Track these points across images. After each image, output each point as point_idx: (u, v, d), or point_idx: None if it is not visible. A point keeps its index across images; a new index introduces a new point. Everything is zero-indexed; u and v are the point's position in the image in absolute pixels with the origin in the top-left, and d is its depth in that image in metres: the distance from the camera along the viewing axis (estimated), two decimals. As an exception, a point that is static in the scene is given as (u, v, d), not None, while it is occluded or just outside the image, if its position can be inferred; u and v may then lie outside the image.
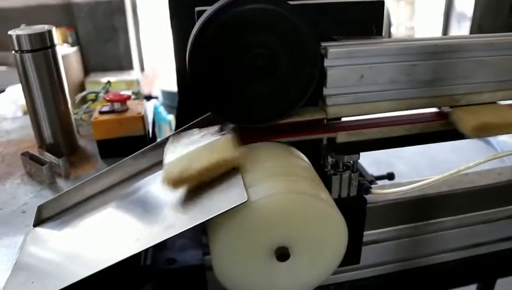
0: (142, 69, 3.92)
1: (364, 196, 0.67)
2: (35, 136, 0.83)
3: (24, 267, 0.54)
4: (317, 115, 0.61)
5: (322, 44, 0.58)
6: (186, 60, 0.55)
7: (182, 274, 0.65)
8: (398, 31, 5.02)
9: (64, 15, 3.38)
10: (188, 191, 0.54)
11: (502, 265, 0.91)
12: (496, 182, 0.84)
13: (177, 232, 0.48)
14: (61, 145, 0.83)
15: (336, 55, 0.58)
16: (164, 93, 3.28)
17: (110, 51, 3.53)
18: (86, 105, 0.96)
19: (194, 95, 0.56)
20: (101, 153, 0.81)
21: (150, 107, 0.94)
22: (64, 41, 3.40)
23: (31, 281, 0.51)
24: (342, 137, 0.62)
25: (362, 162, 0.73)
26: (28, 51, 0.76)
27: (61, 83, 0.81)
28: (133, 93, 0.92)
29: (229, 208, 0.46)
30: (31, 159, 0.76)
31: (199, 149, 0.54)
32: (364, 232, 0.70)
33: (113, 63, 3.53)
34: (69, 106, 0.84)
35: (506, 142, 2.82)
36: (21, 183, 0.75)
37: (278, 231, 0.49)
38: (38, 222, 0.62)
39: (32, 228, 0.61)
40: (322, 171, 0.65)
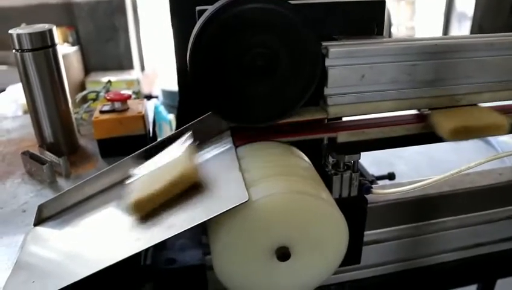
0: (143, 68, 3.92)
1: (365, 196, 0.67)
2: (35, 135, 0.83)
3: (24, 267, 0.54)
4: (318, 115, 0.61)
5: (323, 44, 0.58)
6: (186, 60, 0.55)
7: (182, 274, 0.65)
8: (399, 31, 5.02)
9: (64, 14, 3.38)
10: (189, 191, 0.54)
11: (502, 265, 0.91)
12: (497, 183, 0.84)
13: (178, 232, 0.48)
14: (61, 144, 0.83)
15: (337, 55, 0.58)
16: (164, 92, 3.28)
17: (111, 50, 3.53)
18: (87, 104, 0.96)
19: (194, 94, 0.56)
20: (101, 152, 0.81)
21: (150, 107, 0.94)
22: (65, 40, 3.40)
23: (31, 281, 0.51)
24: (342, 137, 0.61)
25: (363, 162, 0.73)
26: (29, 50, 0.76)
27: (62, 82, 0.81)
28: (134, 93, 0.92)
29: (229, 208, 0.46)
30: (31, 158, 0.76)
31: (160, 169, 0.56)
32: (365, 232, 0.70)
33: (113, 62, 3.53)
34: (70, 105, 0.84)
35: (507, 142, 2.82)
36: (21, 183, 0.75)
37: (279, 231, 0.49)
38: (39, 221, 0.62)
39: (32, 227, 0.61)
40: (323, 171, 0.65)
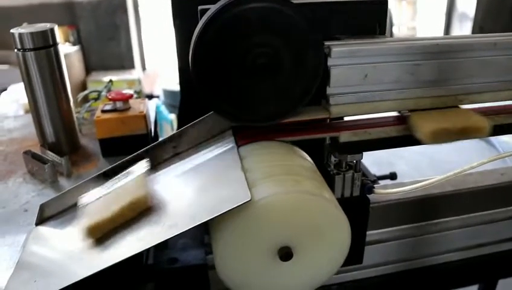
0: (144, 68, 3.92)
1: (367, 196, 0.67)
2: (37, 135, 0.83)
3: (26, 266, 0.54)
4: (321, 114, 0.61)
5: (326, 43, 0.58)
6: (188, 59, 0.55)
7: (184, 274, 0.65)
8: (400, 31, 5.01)
9: (66, 14, 3.38)
10: (191, 190, 0.54)
11: (504, 266, 0.90)
12: (499, 183, 0.83)
13: (180, 232, 0.48)
14: (63, 143, 0.83)
15: (340, 55, 0.58)
16: (166, 92, 3.28)
17: (112, 50, 3.53)
18: (88, 104, 0.96)
19: (196, 94, 0.56)
20: (103, 151, 0.81)
21: (151, 106, 0.94)
22: (66, 40, 3.40)
23: (33, 280, 0.51)
24: (345, 136, 0.61)
25: (364, 161, 0.73)
26: (31, 50, 0.76)
27: (64, 82, 0.81)
28: (135, 92, 0.92)
29: (232, 207, 0.46)
30: (33, 158, 0.76)
31: (113, 194, 0.56)
32: (367, 232, 0.69)
33: (114, 62, 3.53)
34: (71, 104, 0.84)
35: (508, 142, 2.82)
36: (23, 182, 0.75)
37: (281, 231, 0.49)
38: (41, 220, 0.62)
39: (34, 226, 0.61)
40: (325, 171, 0.64)
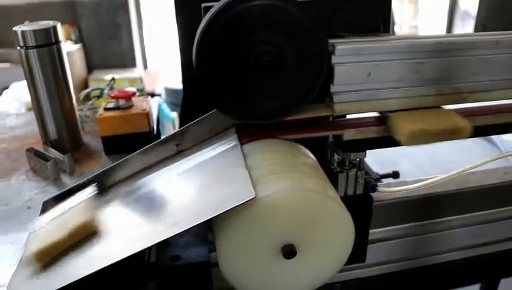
0: (145, 66, 3.92)
1: (371, 194, 0.66)
2: (39, 132, 0.83)
3: (29, 263, 0.54)
4: (324, 112, 0.60)
5: (330, 41, 0.57)
6: (191, 56, 0.55)
7: (187, 271, 0.65)
8: (402, 29, 5.00)
9: (67, 12, 3.38)
10: (194, 188, 0.54)
11: (507, 265, 0.90)
12: (502, 181, 0.83)
13: (183, 229, 0.48)
14: (65, 141, 0.83)
15: (344, 52, 0.57)
16: (167, 90, 3.28)
17: (114, 48, 3.53)
18: (91, 102, 0.96)
19: (200, 91, 0.56)
20: (105, 149, 0.81)
21: (154, 104, 0.94)
22: (68, 38, 3.40)
23: (36, 277, 0.51)
24: (349, 135, 0.61)
25: (366, 160, 0.73)
26: (33, 47, 0.76)
27: (66, 79, 0.81)
28: (138, 90, 0.92)
29: (236, 205, 0.46)
30: (35, 155, 0.76)
31: (62, 218, 0.55)
32: (370, 231, 0.69)
33: (116, 60, 3.53)
34: (74, 102, 0.84)
35: (511, 142, 2.81)
36: (26, 179, 0.75)
37: (285, 229, 0.49)
38: (43, 217, 0.62)
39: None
40: (328, 169, 0.64)
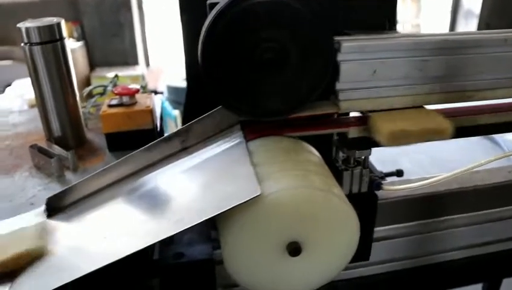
0: (148, 64, 3.92)
1: (375, 192, 0.66)
2: (43, 129, 0.83)
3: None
4: (329, 110, 0.60)
5: (336, 38, 0.57)
6: (195, 53, 0.55)
7: (190, 269, 0.65)
8: (404, 28, 4.99)
9: (69, 9, 3.38)
10: (199, 184, 0.54)
11: (510, 264, 0.90)
12: (507, 180, 0.83)
13: (188, 226, 0.48)
14: (69, 138, 0.83)
15: (349, 50, 0.57)
16: (169, 88, 3.28)
17: (116, 46, 3.52)
18: (94, 98, 0.96)
19: (204, 88, 0.56)
20: (109, 146, 0.81)
21: (157, 102, 0.94)
22: (70, 36, 3.40)
23: (40, 274, 0.51)
24: (354, 132, 0.61)
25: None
26: (37, 44, 0.76)
27: (70, 76, 0.81)
28: (142, 87, 0.92)
29: (241, 202, 0.46)
30: (39, 152, 0.76)
31: (7, 237, 0.53)
32: (374, 229, 0.69)
33: (118, 58, 3.53)
34: (78, 98, 0.83)
35: (513, 141, 2.80)
36: (29, 176, 0.75)
37: (290, 226, 0.49)
38: (47, 214, 0.61)
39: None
40: (333, 167, 0.64)
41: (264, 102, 0.57)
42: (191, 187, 0.58)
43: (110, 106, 0.80)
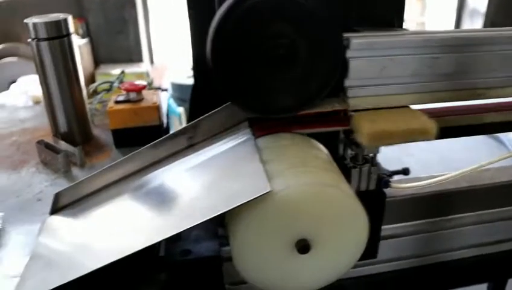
0: (152, 61, 3.92)
1: (383, 190, 0.66)
2: (50, 125, 0.83)
3: (41, 256, 0.53)
4: (338, 107, 0.60)
5: (345, 35, 0.57)
6: (203, 49, 0.54)
7: (197, 265, 0.65)
8: (409, 27, 4.97)
9: (74, 7, 3.38)
10: (208, 181, 0.53)
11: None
12: (516, 179, 0.82)
13: (197, 222, 0.48)
14: (75, 134, 0.83)
15: (359, 46, 0.57)
16: (174, 85, 3.27)
17: (120, 43, 3.52)
18: (100, 95, 0.95)
19: (211, 85, 0.55)
20: (116, 142, 0.81)
21: (163, 99, 0.94)
22: (75, 33, 3.39)
23: (48, 269, 0.51)
24: (362, 130, 0.60)
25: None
26: (44, 39, 0.76)
27: (76, 72, 0.81)
28: (148, 84, 0.92)
29: (251, 198, 0.45)
30: (46, 148, 0.76)
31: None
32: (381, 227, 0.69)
33: (123, 55, 3.53)
34: (84, 95, 0.83)
35: (518, 140, 2.80)
36: (36, 172, 0.75)
37: (300, 223, 0.49)
38: (55, 210, 0.61)
39: (48, 216, 0.61)
40: (341, 164, 0.64)
41: (273, 99, 0.56)
42: (199, 184, 0.58)
43: (117, 102, 0.80)
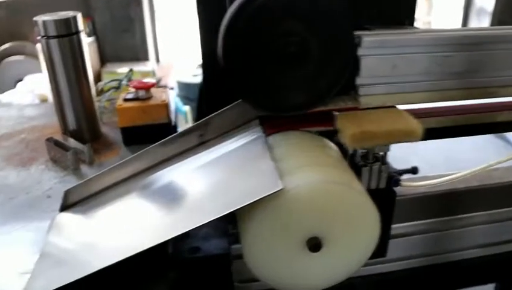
0: (158, 60, 3.92)
1: (394, 189, 0.65)
2: (59, 122, 0.83)
3: (51, 253, 0.54)
4: (349, 105, 0.60)
5: (356, 33, 0.57)
6: (212, 46, 0.54)
7: (206, 263, 0.65)
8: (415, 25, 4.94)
9: (80, 5, 3.38)
10: (220, 178, 0.53)
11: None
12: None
13: (208, 220, 0.47)
14: (84, 131, 0.83)
15: (370, 44, 0.56)
16: (180, 84, 3.28)
17: (126, 41, 3.53)
18: (109, 93, 0.96)
19: (224, 82, 0.55)
20: (124, 140, 0.81)
21: (171, 97, 0.94)
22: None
23: (58, 268, 0.51)
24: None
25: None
26: (54, 37, 0.76)
27: (85, 69, 0.81)
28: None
29: (263, 196, 0.45)
30: (55, 145, 0.76)
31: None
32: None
33: (129, 53, 3.53)
34: (93, 92, 0.84)
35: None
36: (45, 169, 0.75)
37: (311, 221, 0.48)
38: (65, 207, 0.62)
39: (58, 213, 0.61)
40: (352, 162, 0.63)
41: (284, 97, 0.56)
42: (210, 181, 0.58)
43: (126, 99, 0.80)
